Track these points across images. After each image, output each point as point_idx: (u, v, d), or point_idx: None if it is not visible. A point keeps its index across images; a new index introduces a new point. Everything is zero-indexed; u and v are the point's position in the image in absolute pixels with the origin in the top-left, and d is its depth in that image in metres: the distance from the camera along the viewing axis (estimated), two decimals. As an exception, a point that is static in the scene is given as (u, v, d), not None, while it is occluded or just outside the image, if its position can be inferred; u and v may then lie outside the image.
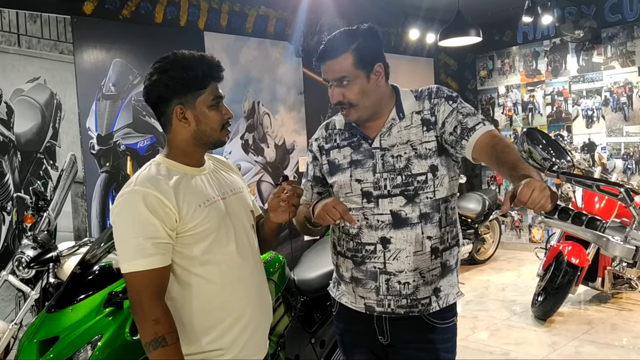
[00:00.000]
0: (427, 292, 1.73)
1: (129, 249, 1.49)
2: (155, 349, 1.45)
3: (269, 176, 5.39)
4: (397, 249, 1.71)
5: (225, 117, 1.62)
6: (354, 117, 1.72)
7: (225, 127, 1.63)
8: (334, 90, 1.71)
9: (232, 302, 1.61)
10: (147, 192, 1.50)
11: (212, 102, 1.59)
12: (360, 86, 1.68)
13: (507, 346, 3.93)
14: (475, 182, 7.20)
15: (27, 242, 3.18)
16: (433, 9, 5.93)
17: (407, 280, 1.71)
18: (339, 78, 1.69)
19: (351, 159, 1.78)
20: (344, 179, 1.77)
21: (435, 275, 1.74)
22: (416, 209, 1.70)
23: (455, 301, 1.80)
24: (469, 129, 1.65)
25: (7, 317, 3.52)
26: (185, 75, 1.56)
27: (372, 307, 1.76)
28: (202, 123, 1.59)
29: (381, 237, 1.72)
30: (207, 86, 1.58)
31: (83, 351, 2.03)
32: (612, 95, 6.02)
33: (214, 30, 4.96)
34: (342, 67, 1.67)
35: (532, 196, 1.28)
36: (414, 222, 1.70)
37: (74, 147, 4.15)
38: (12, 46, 3.87)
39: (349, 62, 1.67)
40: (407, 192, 1.69)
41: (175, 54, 1.60)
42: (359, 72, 1.68)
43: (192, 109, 1.58)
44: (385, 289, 1.73)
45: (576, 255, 4.18)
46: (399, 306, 1.74)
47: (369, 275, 1.75)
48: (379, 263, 1.73)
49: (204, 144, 1.62)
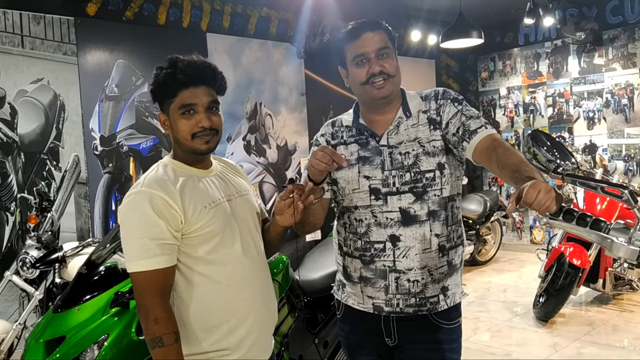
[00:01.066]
0: (435, 291, 1.74)
1: (135, 249, 1.51)
2: (153, 348, 1.47)
3: (271, 177, 5.40)
4: (407, 246, 1.71)
5: (197, 126, 1.57)
6: (388, 90, 1.73)
7: (197, 136, 1.58)
8: (372, 63, 1.71)
9: (238, 302, 1.62)
10: (154, 193, 1.51)
11: (181, 110, 1.58)
12: (394, 61, 1.75)
13: (509, 347, 3.94)
14: (477, 184, 7.22)
15: (31, 243, 3.20)
16: (434, 10, 5.95)
17: (416, 278, 1.72)
18: (381, 48, 1.72)
19: (359, 155, 1.78)
20: (352, 174, 1.77)
21: (442, 274, 1.75)
22: (424, 206, 1.71)
23: (460, 300, 1.81)
24: (471, 131, 1.67)
25: (10, 317, 3.53)
26: (158, 81, 1.59)
27: (380, 307, 1.77)
28: (174, 130, 1.60)
29: (390, 234, 1.72)
30: (176, 94, 1.57)
31: (89, 351, 2.04)
32: (613, 97, 6.04)
33: (217, 32, 4.97)
34: (383, 38, 1.73)
35: (538, 197, 1.29)
36: (423, 220, 1.71)
37: (77, 148, 4.17)
38: (16, 47, 3.88)
39: (386, 37, 1.74)
40: (416, 189, 1.71)
41: (167, 59, 1.61)
42: (393, 48, 1.75)
43: (168, 115, 1.61)
44: (394, 287, 1.73)
45: (578, 257, 4.19)
46: (407, 305, 1.74)
47: (378, 274, 1.75)
48: (388, 261, 1.73)
49: (184, 150, 1.62)
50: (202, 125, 1.58)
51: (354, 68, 1.74)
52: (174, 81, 1.57)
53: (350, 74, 1.78)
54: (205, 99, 1.59)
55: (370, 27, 1.73)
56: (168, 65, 1.59)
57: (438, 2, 5.66)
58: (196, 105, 1.58)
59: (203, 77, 1.60)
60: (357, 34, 1.73)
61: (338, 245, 1.87)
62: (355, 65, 1.74)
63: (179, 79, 1.56)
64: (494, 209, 6.17)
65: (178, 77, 1.56)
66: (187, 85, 1.57)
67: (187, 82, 1.57)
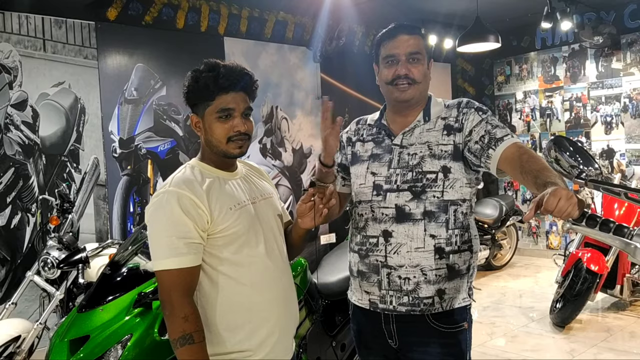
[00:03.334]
0: (429, 292, 1.73)
1: (162, 248, 1.53)
2: (183, 345, 1.48)
3: (286, 180, 5.43)
4: (398, 243, 1.74)
5: (233, 130, 1.61)
6: (410, 95, 1.76)
7: (232, 140, 1.61)
8: (399, 66, 1.75)
9: (260, 303, 1.64)
10: (182, 193, 1.54)
11: (218, 114, 1.61)
12: (424, 67, 1.77)
13: (525, 353, 3.92)
14: (492, 188, 7.18)
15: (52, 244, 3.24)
16: (451, 14, 5.94)
17: (407, 275, 1.73)
18: (413, 52, 1.75)
19: (371, 152, 1.85)
20: (361, 170, 1.84)
21: (439, 276, 1.73)
22: (421, 205, 1.72)
23: (460, 306, 1.77)
24: (497, 139, 1.67)
25: (30, 316, 3.58)
26: (195, 85, 1.61)
27: (375, 303, 1.79)
28: (209, 134, 1.63)
29: (384, 230, 1.76)
30: (214, 98, 1.60)
31: (113, 350, 2.07)
32: (631, 101, 5.99)
33: (234, 36, 5.01)
34: (417, 43, 1.76)
35: (559, 205, 1.29)
36: (417, 219, 1.73)
37: (97, 151, 4.22)
38: (38, 51, 3.95)
39: (421, 42, 1.78)
40: (414, 188, 1.73)
41: (205, 63, 1.64)
42: (425, 55, 1.78)
43: (203, 118, 1.63)
44: (386, 283, 1.76)
45: (595, 262, 4.16)
46: (400, 304, 1.75)
47: (371, 269, 1.79)
48: (380, 256, 1.76)
49: (215, 153, 1.65)
50: (238, 129, 1.62)
51: (384, 67, 1.79)
52: (215, 85, 1.60)
53: (380, 72, 1.83)
54: (242, 104, 1.63)
55: (407, 30, 1.78)
56: (208, 69, 1.61)
57: (455, 6, 5.66)
58: (234, 110, 1.62)
59: (242, 83, 1.64)
60: (393, 35, 1.78)
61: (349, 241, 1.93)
62: (385, 64, 1.79)
63: (221, 84, 1.60)
64: (510, 214, 6.14)
65: (220, 82, 1.59)
66: (228, 90, 1.61)
67: (227, 87, 1.60)
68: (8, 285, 3.78)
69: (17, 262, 3.84)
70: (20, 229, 3.87)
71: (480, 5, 5.15)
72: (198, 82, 1.61)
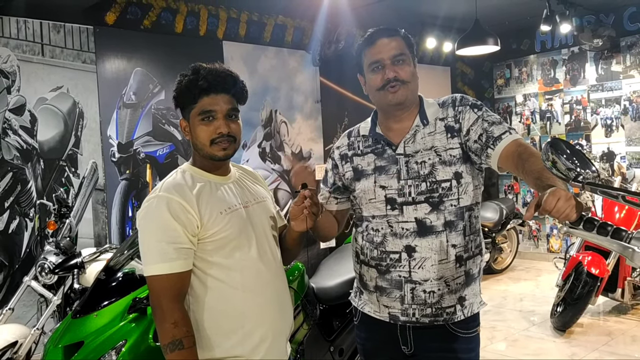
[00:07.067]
0: (452, 301, 1.73)
1: (152, 253, 1.53)
2: (173, 351, 1.47)
3: (285, 184, 5.41)
4: (423, 257, 1.70)
5: (215, 132, 1.59)
6: (403, 96, 1.72)
7: (215, 143, 1.60)
8: (386, 69, 1.71)
9: (253, 307, 1.62)
10: (171, 198, 1.54)
11: (200, 116, 1.60)
12: (410, 67, 1.74)
13: (526, 357, 3.90)
14: (492, 191, 7.16)
15: (49, 248, 3.23)
16: (450, 17, 5.94)
17: (432, 289, 1.71)
18: (397, 55, 1.72)
19: (375, 165, 1.78)
20: (368, 185, 1.77)
21: (459, 284, 1.73)
22: (441, 216, 1.69)
23: (479, 310, 1.79)
24: (495, 137, 1.65)
25: (28, 322, 3.57)
26: (180, 87, 1.62)
27: (396, 316, 1.76)
28: (194, 136, 1.63)
29: (406, 245, 1.71)
30: (197, 101, 1.60)
31: (108, 356, 2.06)
32: (631, 104, 5.97)
33: (233, 40, 5.01)
34: (399, 45, 1.73)
35: (557, 205, 1.28)
36: (439, 230, 1.69)
37: (95, 155, 4.21)
38: (36, 55, 3.95)
39: (402, 43, 1.74)
40: (431, 199, 1.69)
41: (190, 67, 1.64)
42: (410, 55, 1.75)
43: (189, 122, 1.64)
44: (410, 298, 1.72)
45: (596, 266, 4.14)
46: (423, 315, 1.73)
47: (393, 285, 1.74)
48: (404, 272, 1.72)
49: (202, 156, 1.64)
50: (220, 131, 1.60)
51: (370, 74, 1.75)
52: (195, 87, 1.59)
53: (367, 81, 1.78)
54: (225, 106, 1.62)
55: (387, 34, 1.74)
56: (191, 72, 1.62)
57: (454, 9, 5.65)
58: (215, 112, 1.61)
59: (224, 85, 1.62)
60: (373, 41, 1.74)
61: (355, 253, 1.87)
62: (371, 71, 1.75)
63: (200, 85, 1.59)
64: (510, 217, 6.12)
65: (199, 84, 1.59)
66: (208, 92, 1.60)
67: (207, 89, 1.60)
68: (6, 290, 3.76)
69: (14, 267, 3.83)
70: (18, 234, 3.86)
71: (479, 8, 5.14)
72: (181, 85, 1.62)
